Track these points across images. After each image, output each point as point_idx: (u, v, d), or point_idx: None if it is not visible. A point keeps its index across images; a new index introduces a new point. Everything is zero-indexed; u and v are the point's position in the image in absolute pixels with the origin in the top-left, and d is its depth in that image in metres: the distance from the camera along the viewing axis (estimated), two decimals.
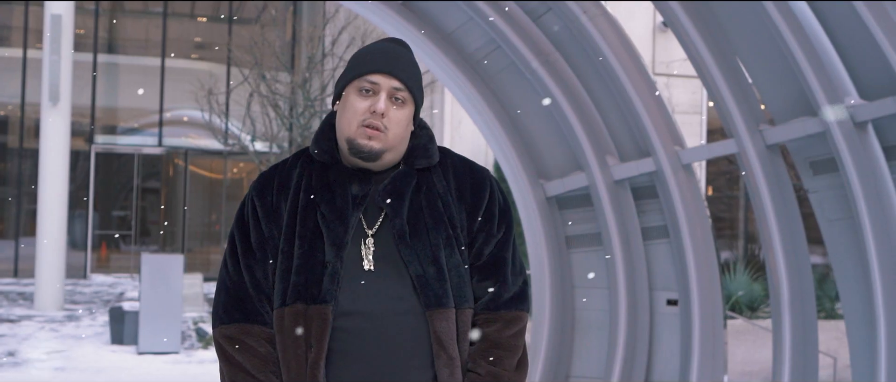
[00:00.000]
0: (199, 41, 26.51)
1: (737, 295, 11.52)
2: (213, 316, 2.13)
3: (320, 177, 2.14)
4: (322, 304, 2.02)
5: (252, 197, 2.15)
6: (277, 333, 2.06)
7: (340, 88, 2.16)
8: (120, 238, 24.81)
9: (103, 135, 23.43)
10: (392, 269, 2.07)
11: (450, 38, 6.26)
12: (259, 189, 2.16)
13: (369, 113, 2.08)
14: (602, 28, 5.55)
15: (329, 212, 2.08)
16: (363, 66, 2.12)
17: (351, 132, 2.10)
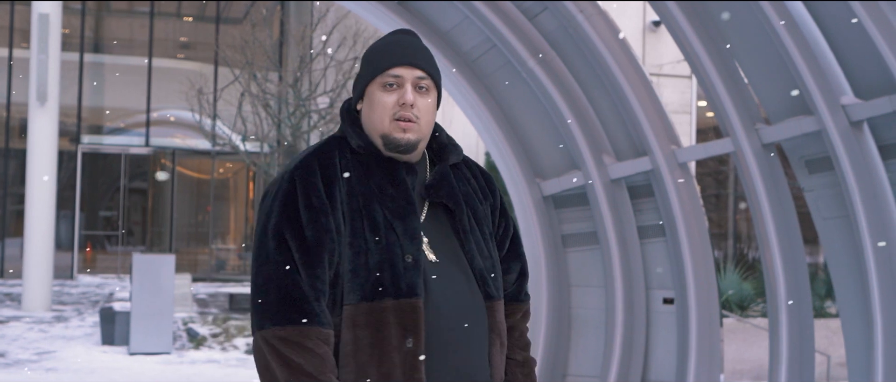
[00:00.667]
0: (185, 41, 26.42)
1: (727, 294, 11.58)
2: (262, 316, 1.96)
3: (367, 168, 2.12)
4: (414, 298, 2.01)
5: (300, 189, 2.03)
6: (353, 329, 2.00)
7: (362, 87, 2.15)
8: (106, 238, 24.70)
9: (90, 135, 23.31)
10: (453, 261, 2.10)
11: (446, 37, 6.26)
12: (305, 180, 2.04)
13: (398, 106, 2.09)
14: (598, 27, 5.57)
15: (395, 205, 2.07)
16: (383, 62, 2.12)
17: (385, 128, 2.10)
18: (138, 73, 23.18)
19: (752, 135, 5.16)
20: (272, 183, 2.10)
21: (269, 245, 2.00)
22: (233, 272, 24.64)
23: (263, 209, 2.06)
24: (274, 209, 2.02)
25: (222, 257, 25.27)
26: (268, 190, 2.09)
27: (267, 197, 2.07)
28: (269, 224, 2.01)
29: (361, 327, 1.99)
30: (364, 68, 2.16)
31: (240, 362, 10.22)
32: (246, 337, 12.01)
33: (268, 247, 2.00)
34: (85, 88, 22.82)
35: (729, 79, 5.17)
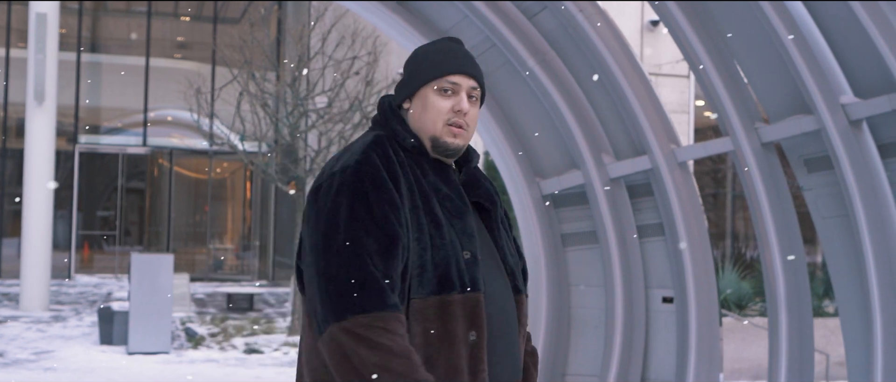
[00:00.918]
0: (182, 40, 26.40)
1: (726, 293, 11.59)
2: (341, 307, 1.93)
3: (420, 167, 2.17)
4: (476, 292, 2.08)
5: (369, 183, 2.04)
6: (422, 322, 2.03)
7: (415, 88, 2.20)
8: (103, 238, 24.68)
9: (87, 135, 23.29)
10: (490, 258, 2.19)
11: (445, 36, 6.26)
12: (373, 175, 2.05)
13: (453, 112, 2.16)
14: (597, 26, 5.57)
15: (452, 204, 2.14)
16: (443, 67, 2.18)
17: (437, 131, 2.17)
18: (135, 73, 23.17)
19: (752, 135, 5.17)
20: (328, 177, 2.07)
21: (339, 237, 1.98)
22: (230, 272, 24.63)
23: (324, 202, 2.03)
24: (342, 201, 2.01)
25: (220, 257, 25.26)
26: (322, 184, 2.07)
27: (324, 191, 2.05)
28: (338, 216, 2.00)
29: (430, 320, 2.03)
30: (419, 70, 2.21)
31: (238, 361, 10.22)
32: (244, 337, 12.01)
33: (337, 239, 1.98)
34: (82, 88, 22.80)
35: (728, 78, 5.17)
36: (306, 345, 2.08)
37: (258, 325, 13.08)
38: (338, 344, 1.93)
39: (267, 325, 13.15)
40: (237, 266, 25.17)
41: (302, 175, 12.58)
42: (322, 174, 2.11)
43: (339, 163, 2.08)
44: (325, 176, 2.09)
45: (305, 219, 2.08)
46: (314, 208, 2.05)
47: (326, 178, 2.07)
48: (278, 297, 18.34)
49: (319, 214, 2.02)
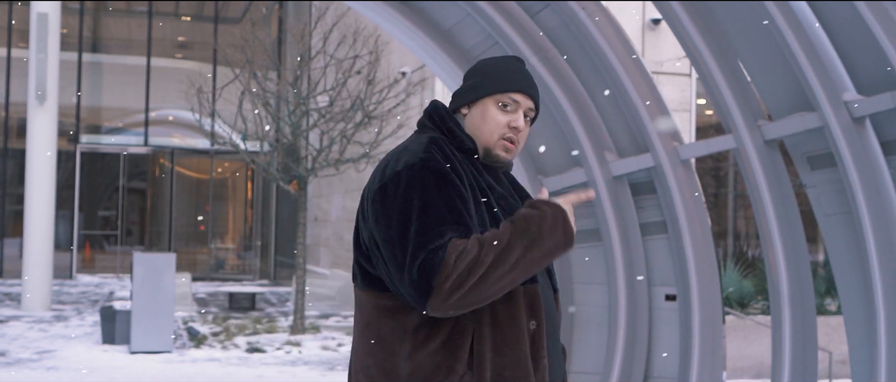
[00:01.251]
0: (183, 40, 26.41)
1: (728, 291, 11.59)
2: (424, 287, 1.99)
3: (475, 168, 2.25)
4: (535, 284, 2.20)
5: (440, 180, 2.09)
6: (491, 310, 2.10)
7: (477, 97, 2.28)
8: (105, 238, 24.69)
9: (88, 135, 23.30)
10: None
11: (447, 34, 6.26)
12: (441, 171, 2.11)
13: (509, 128, 2.26)
14: (600, 24, 5.57)
15: (506, 203, 2.25)
16: (508, 84, 2.27)
17: (491, 142, 2.27)
18: (137, 73, 23.18)
19: (754, 132, 5.16)
20: (393, 175, 2.10)
21: (413, 229, 2.03)
22: (232, 271, 24.63)
23: (394, 199, 2.07)
24: (412, 196, 2.06)
25: (221, 256, 25.26)
26: (388, 182, 2.10)
27: (392, 189, 2.08)
28: (411, 211, 2.04)
29: (499, 309, 2.11)
30: (484, 81, 2.29)
31: (241, 360, 10.22)
32: (246, 336, 12.01)
33: (411, 232, 2.03)
34: (84, 88, 22.81)
35: (731, 75, 5.17)
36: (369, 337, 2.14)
37: (260, 324, 13.09)
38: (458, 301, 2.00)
39: (269, 324, 13.15)
40: (239, 265, 25.17)
41: (303, 174, 12.58)
42: (383, 174, 2.14)
43: (402, 161, 2.11)
44: (389, 174, 2.11)
45: (373, 219, 2.10)
46: (382, 206, 2.08)
47: (391, 177, 2.10)
48: (280, 297, 18.34)
49: (390, 211, 2.07)
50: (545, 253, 2.08)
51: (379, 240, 2.08)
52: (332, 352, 11.02)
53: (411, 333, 2.08)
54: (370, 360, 2.12)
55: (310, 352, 10.91)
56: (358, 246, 2.20)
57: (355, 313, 2.24)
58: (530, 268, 2.07)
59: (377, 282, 2.13)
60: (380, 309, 2.12)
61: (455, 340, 2.07)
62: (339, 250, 19.60)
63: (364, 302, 2.17)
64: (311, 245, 22.50)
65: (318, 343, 11.45)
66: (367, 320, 2.16)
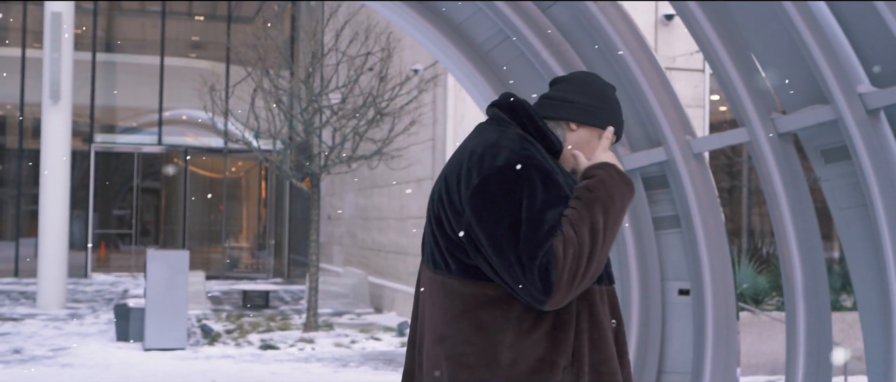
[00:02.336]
0: (197, 40, 26.49)
1: (742, 287, 11.53)
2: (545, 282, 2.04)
3: (558, 166, 2.31)
4: (612, 284, 2.30)
5: (544, 175, 2.14)
6: (588, 307, 2.18)
7: (592, 124, 2.37)
8: (119, 237, 24.80)
9: (102, 135, 23.40)
10: None
11: (459, 29, 6.25)
12: (543, 168, 2.16)
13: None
14: (611, 17, 5.54)
15: None
16: (620, 129, 2.43)
17: (578, 166, 2.34)
18: (150, 73, 23.27)
19: (768, 125, 5.13)
20: (494, 171, 2.12)
21: (523, 225, 2.07)
22: (246, 270, 24.70)
23: (499, 196, 2.10)
24: (520, 190, 2.09)
25: (235, 255, 25.33)
26: (489, 178, 2.12)
27: (494, 186, 2.11)
28: (519, 206, 2.08)
29: (595, 306, 2.19)
30: (608, 116, 2.40)
31: (254, 357, 10.24)
32: (260, 333, 12.04)
33: (522, 227, 2.06)
34: (97, 88, 22.91)
35: (744, 68, 5.13)
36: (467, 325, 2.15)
37: (274, 322, 13.11)
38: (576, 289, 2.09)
39: (282, 322, 13.17)
40: (252, 264, 25.24)
41: (316, 171, 12.59)
42: (480, 167, 2.14)
43: (501, 157, 2.13)
44: (489, 169, 2.13)
45: (474, 213, 2.10)
46: (486, 201, 2.10)
47: (494, 172, 2.11)
48: (293, 294, 18.38)
49: (499, 208, 2.09)
50: (620, 208, 2.17)
51: (483, 235, 2.08)
52: (345, 349, 11.03)
53: (515, 322, 2.11)
54: (468, 348, 2.12)
55: (323, 349, 10.93)
56: (445, 235, 2.19)
57: (439, 301, 2.21)
58: (616, 231, 2.16)
59: (475, 271, 2.14)
60: (480, 297, 2.13)
61: (558, 333, 2.12)
62: (353, 248, 19.62)
63: (459, 291, 2.17)
64: (324, 243, 22.52)
65: (332, 341, 11.47)
66: (464, 308, 2.15)
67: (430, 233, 2.25)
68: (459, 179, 2.16)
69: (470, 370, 2.10)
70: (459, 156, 2.23)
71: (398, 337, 12.05)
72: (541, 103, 2.40)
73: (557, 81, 2.48)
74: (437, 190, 2.25)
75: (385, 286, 16.12)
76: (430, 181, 14.07)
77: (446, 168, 2.26)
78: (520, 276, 2.04)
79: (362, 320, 14.25)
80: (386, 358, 10.43)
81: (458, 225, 2.14)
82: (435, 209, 2.23)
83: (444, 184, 2.21)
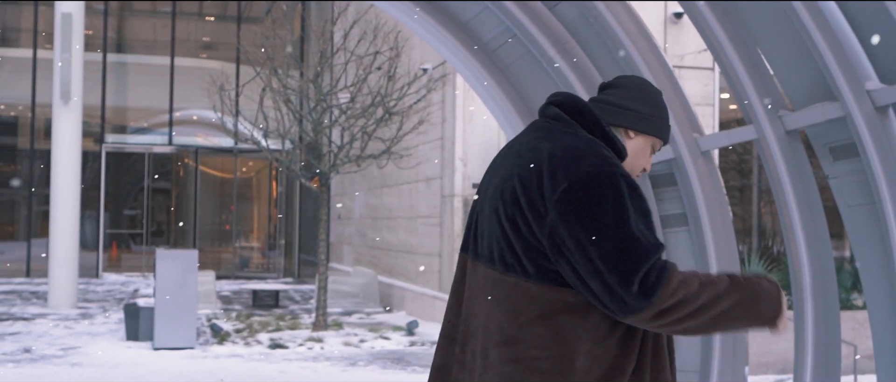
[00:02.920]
0: (207, 40, 26.56)
1: None
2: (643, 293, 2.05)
3: None
4: None
5: (632, 186, 2.15)
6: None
7: (645, 132, 2.38)
8: (131, 237, 24.88)
9: (113, 135, 23.48)
10: None
11: (465, 27, 6.24)
12: (629, 180, 2.18)
13: (642, 169, 2.41)
14: (618, 14, 5.52)
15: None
16: (667, 137, 2.46)
17: (630, 171, 2.38)
18: (161, 73, 23.34)
19: (776, 122, 5.10)
20: (585, 176, 2.11)
21: (621, 232, 2.07)
22: (256, 270, 24.75)
23: (595, 201, 2.09)
24: (621, 197, 2.10)
25: (246, 255, 25.39)
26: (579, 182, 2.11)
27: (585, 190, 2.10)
28: (615, 219, 2.08)
29: None
30: (660, 125, 2.41)
31: (263, 356, 10.26)
32: (269, 333, 12.06)
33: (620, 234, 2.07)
34: (108, 88, 22.99)
35: (751, 65, 5.11)
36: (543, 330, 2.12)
37: (283, 321, 13.13)
38: (658, 323, 2.08)
39: (292, 321, 13.19)
40: (263, 264, 25.29)
41: (325, 171, 12.61)
42: (567, 175, 2.11)
43: (586, 162, 2.12)
44: (575, 176, 2.11)
45: (562, 218, 2.08)
46: (575, 208, 2.08)
47: (583, 178, 2.10)
48: (304, 294, 18.40)
49: (588, 214, 2.08)
50: (750, 318, 2.12)
51: (573, 241, 2.06)
52: (354, 348, 11.03)
53: (592, 330, 2.11)
54: (543, 353, 2.10)
55: (332, 348, 10.94)
56: (522, 237, 2.14)
57: (509, 303, 2.16)
58: (727, 325, 2.11)
59: (555, 276, 2.12)
60: (559, 303, 2.11)
61: (628, 342, 2.15)
62: (362, 247, 19.63)
63: (537, 295, 2.13)
64: (334, 242, 22.55)
65: (341, 340, 11.48)
66: (541, 313, 2.12)
67: (501, 234, 2.18)
68: (541, 181, 2.12)
69: (541, 374, 2.09)
70: (531, 156, 2.18)
71: (407, 337, 12.06)
72: (602, 109, 2.36)
73: (612, 86, 2.45)
74: (508, 189, 2.18)
75: (394, 285, 16.12)
76: (439, 180, 14.07)
77: (516, 167, 2.19)
78: (614, 285, 2.03)
79: (372, 319, 14.26)
80: (394, 357, 10.43)
81: (541, 229, 2.10)
82: (508, 210, 2.16)
83: (520, 184, 2.15)
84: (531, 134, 2.30)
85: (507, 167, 2.22)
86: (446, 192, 13.76)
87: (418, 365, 9.92)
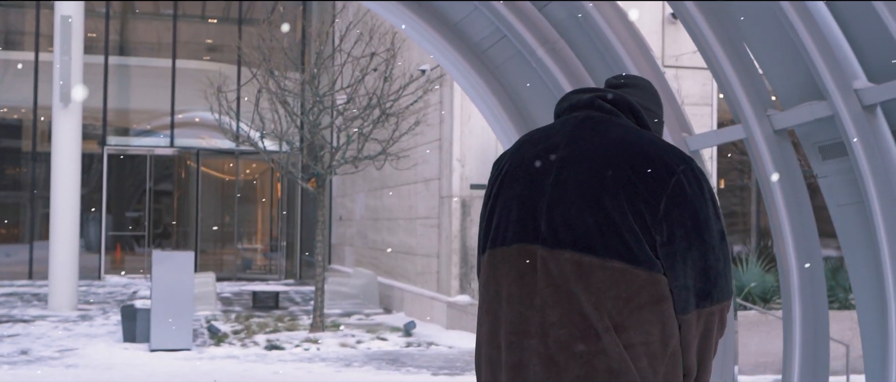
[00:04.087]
0: (210, 43, 26.59)
1: (749, 286, 11.46)
2: (727, 291, 2.22)
3: None
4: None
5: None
6: None
7: (659, 130, 2.44)
8: (134, 239, 24.92)
9: (116, 137, 23.52)
10: None
11: (455, 28, 6.24)
12: None
13: None
14: (607, 15, 5.51)
15: None
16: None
17: None
18: (163, 75, 23.37)
19: (764, 122, 5.08)
20: (693, 172, 2.19)
21: (719, 235, 2.20)
22: (259, 271, 24.76)
23: (705, 201, 2.19)
24: (714, 203, 2.23)
25: (248, 257, 25.41)
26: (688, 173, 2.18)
27: (697, 184, 2.19)
28: (717, 215, 2.22)
29: None
30: (662, 127, 2.43)
31: (258, 357, 10.26)
32: (266, 334, 12.05)
33: (718, 237, 2.20)
34: (110, 91, 23.02)
35: (740, 64, 5.10)
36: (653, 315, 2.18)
37: (282, 323, 13.13)
38: (710, 318, 2.21)
39: (290, 322, 13.19)
40: (265, 265, 25.31)
41: (321, 172, 12.61)
42: (669, 169, 2.16)
43: (681, 156, 2.20)
44: (681, 165, 2.18)
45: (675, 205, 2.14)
46: (684, 201, 2.15)
47: (693, 172, 2.18)
48: (304, 295, 18.40)
49: (704, 204, 2.18)
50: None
51: (681, 229, 2.15)
52: (350, 349, 11.02)
53: (673, 316, 2.20)
54: (650, 338, 2.16)
55: (328, 349, 10.93)
56: (628, 224, 2.16)
57: (614, 290, 2.17)
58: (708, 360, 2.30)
59: (657, 265, 2.17)
60: (664, 289, 2.17)
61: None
62: (363, 249, 19.63)
63: (646, 282, 2.16)
64: (336, 244, 22.56)
65: (338, 341, 11.47)
66: (650, 299, 2.17)
67: (605, 221, 2.17)
68: (645, 171, 2.16)
69: (651, 358, 2.15)
70: (623, 148, 2.20)
71: (404, 337, 12.05)
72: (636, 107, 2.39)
73: (628, 85, 2.43)
74: (615, 178, 2.18)
75: (394, 286, 16.11)
76: (438, 181, 14.06)
77: (618, 156, 2.19)
78: (715, 282, 2.17)
79: (371, 320, 14.25)
80: (390, 358, 10.42)
81: (653, 218, 2.14)
82: (616, 198, 2.16)
83: (618, 172, 2.16)
84: (589, 124, 2.30)
85: (599, 156, 2.21)
86: (444, 193, 13.75)
87: (413, 366, 9.91)
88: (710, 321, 2.22)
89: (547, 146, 2.31)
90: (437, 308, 13.70)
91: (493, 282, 2.30)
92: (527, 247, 2.24)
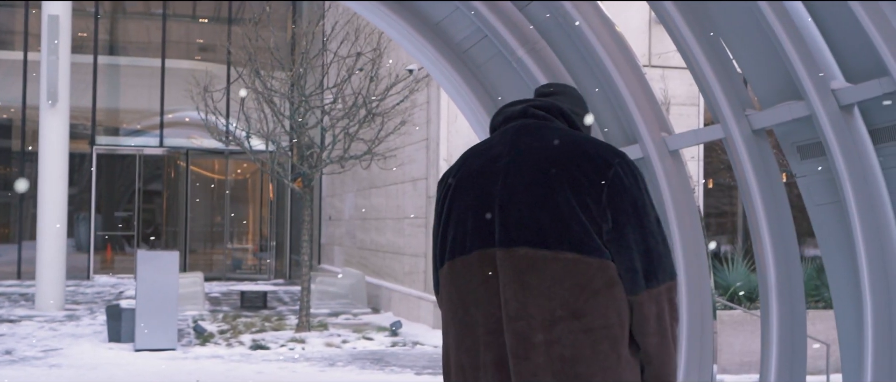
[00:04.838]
0: (200, 43, 26.54)
1: (735, 286, 11.48)
2: (670, 272, 2.34)
3: None
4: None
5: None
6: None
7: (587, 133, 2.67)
8: (124, 239, 24.86)
9: (105, 137, 23.46)
10: None
11: (436, 28, 6.23)
12: None
13: None
14: (587, 15, 5.52)
15: None
16: None
17: None
18: (152, 75, 23.31)
19: (743, 121, 5.10)
20: (628, 164, 2.35)
21: (655, 220, 2.36)
22: (248, 271, 24.73)
23: (640, 190, 2.35)
24: (647, 192, 2.36)
25: (238, 257, 25.37)
26: (624, 166, 2.34)
27: (631, 174, 2.34)
28: (651, 203, 2.37)
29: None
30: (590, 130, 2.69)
31: (243, 357, 10.24)
32: (252, 334, 12.03)
33: (655, 222, 2.36)
34: (99, 90, 22.96)
35: (718, 64, 5.11)
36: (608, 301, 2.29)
37: (268, 322, 13.11)
38: (658, 299, 2.31)
39: (277, 322, 13.17)
40: (255, 265, 25.27)
41: (307, 171, 12.59)
42: (608, 162, 2.32)
43: (615, 151, 2.36)
44: (618, 160, 2.33)
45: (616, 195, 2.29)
46: (623, 191, 2.30)
47: (627, 164, 2.34)
48: (293, 295, 18.38)
49: (640, 193, 2.33)
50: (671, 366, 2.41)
51: (632, 222, 2.29)
52: (335, 349, 11.02)
53: (625, 299, 2.32)
54: (609, 321, 2.28)
55: (313, 349, 10.92)
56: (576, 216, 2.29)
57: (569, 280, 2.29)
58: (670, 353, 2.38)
59: (606, 251, 2.30)
60: (613, 276, 2.29)
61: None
62: (352, 248, 19.61)
63: (597, 269, 2.28)
64: (326, 243, 22.53)
65: (324, 341, 11.46)
66: (602, 285, 2.29)
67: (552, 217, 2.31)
68: (586, 166, 2.31)
69: (612, 341, 2.26)
70: (563, 147, 2.35)
71: (390, 337, 12.04)
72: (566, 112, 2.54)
73: (556, 93, 2.58)
74: (560, 176, 2.31)
75: (382, 286, 16.11)
76: (425, 180, 14.05)
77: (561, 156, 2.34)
78: (659, 263, 2.30)
79: (358, 320, 14.24)
80: (374, 358, 10.42)
81: (597, 207, 2.28)
82: (563, 193, 2.30)
83: (562, 170, 2.30)
84: (527, 131, 2.41)
85: (542, 157, 2.34)
86: (431, 193, 13.74)
87: (397, 365, 9.91)
88: (661, 301, 2.32)
89: (491, 156, 2.43)
90: (424, 307, 13.70)
91: (456, 291, 2.43)
92: (486, 252, 2.37)
